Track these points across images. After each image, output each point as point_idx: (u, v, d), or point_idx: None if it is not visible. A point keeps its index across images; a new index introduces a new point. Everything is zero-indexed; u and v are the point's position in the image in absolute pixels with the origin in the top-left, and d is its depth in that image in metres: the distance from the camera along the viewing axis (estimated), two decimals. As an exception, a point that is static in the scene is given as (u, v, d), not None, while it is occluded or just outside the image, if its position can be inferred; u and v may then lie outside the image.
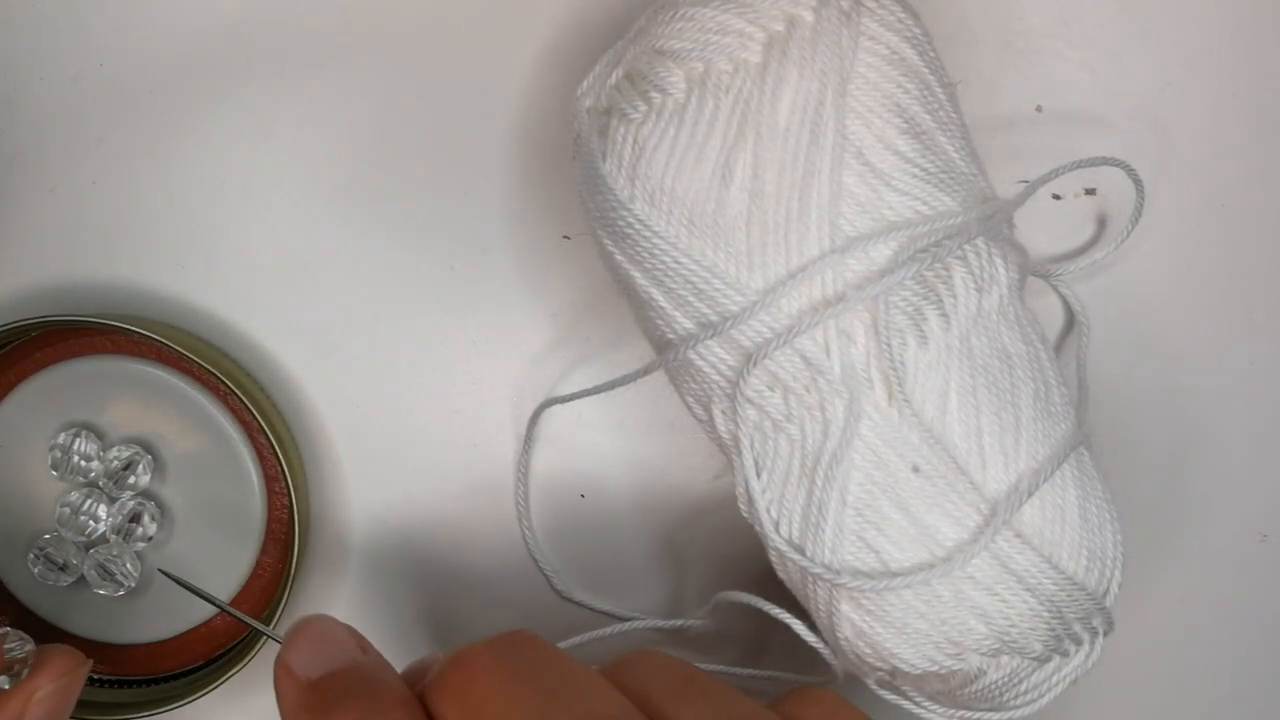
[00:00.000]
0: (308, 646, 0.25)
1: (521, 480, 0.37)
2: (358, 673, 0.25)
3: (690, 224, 0.28)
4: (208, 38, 0.37)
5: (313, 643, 0.25)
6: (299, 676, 0.25)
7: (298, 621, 0.26)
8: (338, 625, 0.26)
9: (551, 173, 0.37)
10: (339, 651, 0.25)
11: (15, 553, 0.36)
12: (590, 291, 0.37)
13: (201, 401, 0.36)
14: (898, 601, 0.28)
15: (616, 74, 0.30)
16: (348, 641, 0.26)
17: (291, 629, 0.26)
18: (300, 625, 0.26)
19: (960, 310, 0.29)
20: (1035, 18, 0.36)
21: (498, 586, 0.37)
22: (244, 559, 0.36)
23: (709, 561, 0.37)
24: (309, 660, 0.25)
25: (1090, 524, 0.29)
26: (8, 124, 0.37)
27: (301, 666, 0.25)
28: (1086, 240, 0.37)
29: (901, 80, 0.29)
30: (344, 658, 0.25)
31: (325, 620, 0.26)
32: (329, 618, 0.26)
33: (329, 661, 0.25)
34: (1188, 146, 0.37)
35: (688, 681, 0.23)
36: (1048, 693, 0.29)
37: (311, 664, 0.25)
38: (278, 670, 0.25)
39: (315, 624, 0.26)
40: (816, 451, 0.29)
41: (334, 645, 0.25)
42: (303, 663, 0.25)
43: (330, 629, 0.26)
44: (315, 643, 0.25)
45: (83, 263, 0.37)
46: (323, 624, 0.26)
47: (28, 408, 0.36)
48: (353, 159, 0.37)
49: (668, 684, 0.23)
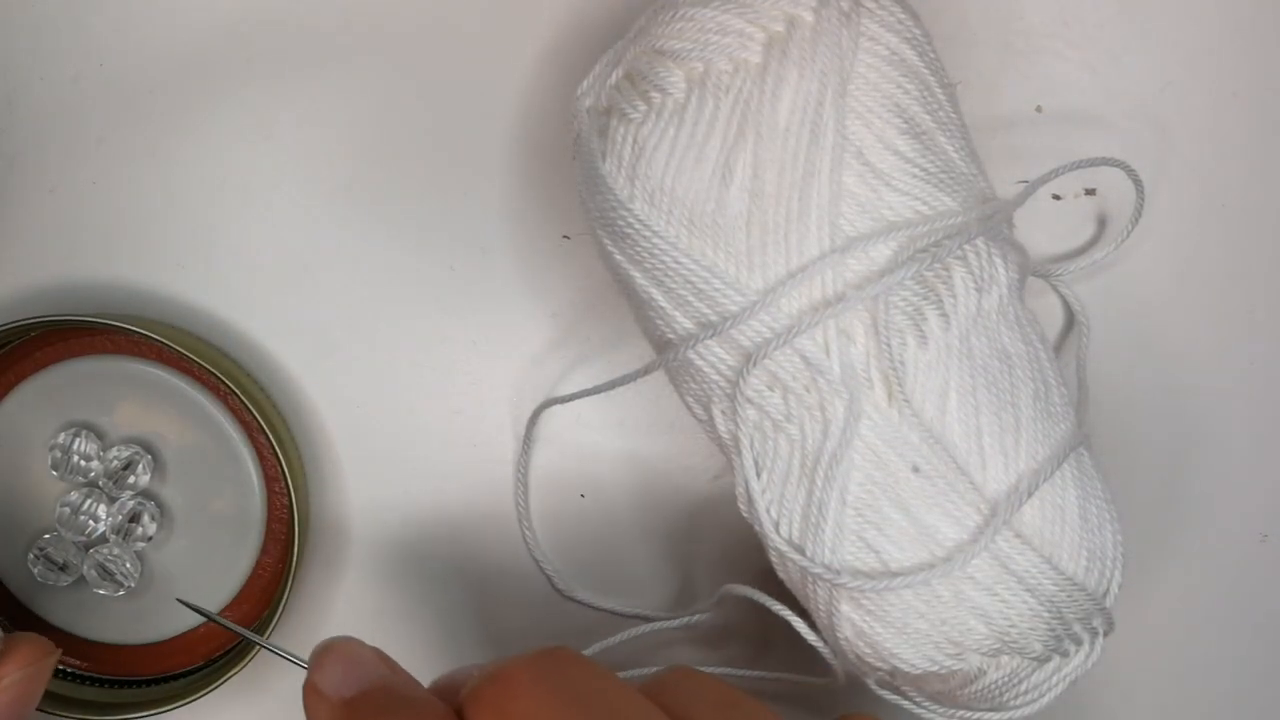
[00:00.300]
0: (336, 667, 0.25)
1: (521, 480, 0.37)
2: (392, 690, 0.24)
3: (690, 224, 0.28)
4: (208, 38, 0.37)
5: (340, 663, 0.25)
6: (330, 697, 0.24)
7: (320, 644, 0.25)
8: (363, 646, 0.26)
9: (551, 173, 0.37)
10: (368, 671, 0.25)
11: (15, 553, 0.36)
12: (590, 291, 0.37)
13: (201, 401, 0.36)
14: (898, 601, 0.28)
15: (616, 74, 0.30)
16: (376, 661, 0.25)
17: (315, 651, 0.25)
18: (324, 647, 0.25)
19: (960, 310, 0.29)
20: (1035, 18, 0.36)
21: (498, 586, 0.37)
22: (244, 559, 0.36)
23: (709, 561, 0.37)
24: (339, 681, 0.24)
25: (1090, 524, 0.29)
26: (8, 124, 0.37)
27: (332, 687, 0.24)
28: (1086, 240, 0.37)
29: (901, 80, 0.29)
30: (375, 677, 0.25)
31: (350, 641, 0.26)
32: (352, 638, 0.26)
33: (360, 681, 0.24)
34: (1188, 146, 0.37)
35: (732, 706, 0.23)
36: (1048, 693, 0.29)
37: (342, 684, 0.24)
38: (307, 693, 0.24)
39: (340, 645, 0.25)
40: (816, 451, 0.29)
41: (363, 665, 0.25)
42: (333, 683, 0.24)
43: (356, 649, 0.25)
44: (343, 663, 0.25)
45: (83, 263, 0.37)
46: (348, 645, 0.25)
47: (28, 408, 0.36)
48: (353, 159, 0.37)
49: (712, 707, 0.23)
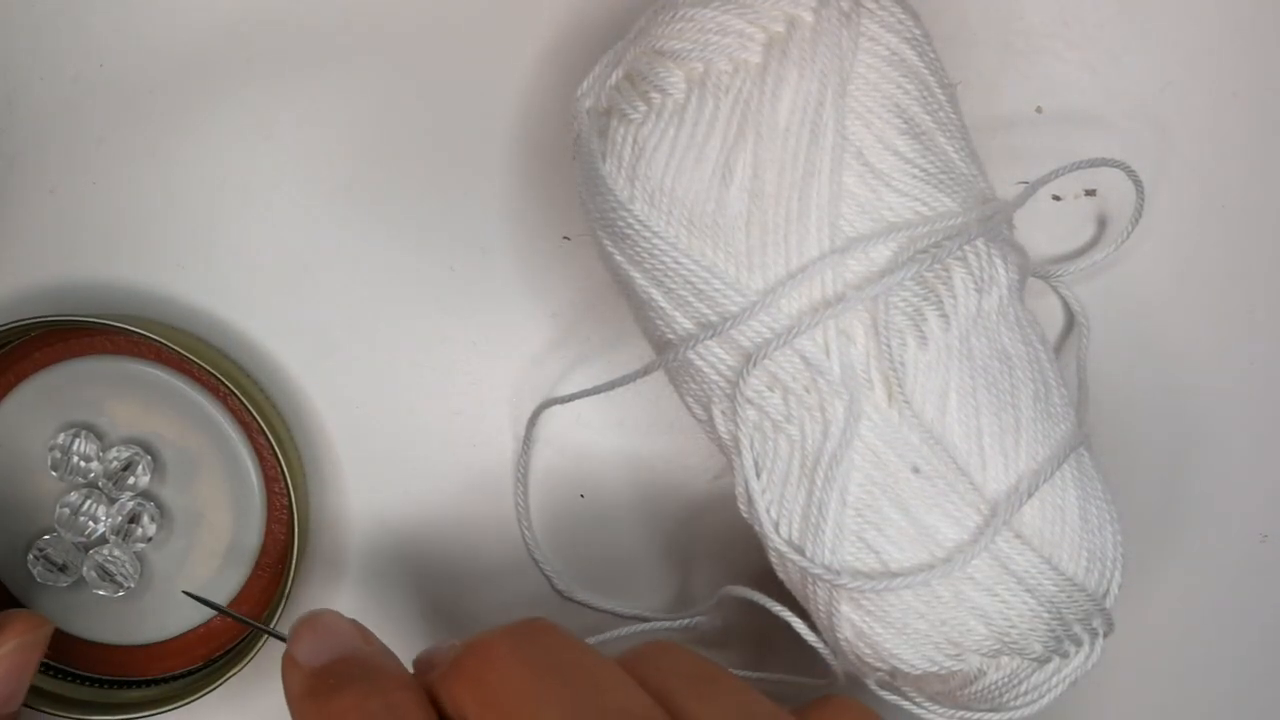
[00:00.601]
0: (311, 637, 0.26)
1: (521, 480, 0.37)
2: (359, 659, 0.25)
3: (690, 224, 0.28)
4: (208, 38, 0.37)
5: (315, 633, 0.26)
6: (303, 665, 0.25)
7: (301, 616, 0.27)
8: (340, 617, 0.27)
9: (551, 173, 0.36)
10: (341, 641, 0.26)
11: (15, 553, 0.36)
12: (590, 292, 0.37)
13: (201, 401, 0.36)
14: (897, 602, 0.28)
15: (616, 74, 0.30)
16: (350, 632, 0.26)
17: (296, 623, 0.26)
18: (304, 619, 0.27)
19: (960, 311, 0.29)
20: (1035, 18, 0.36)
21: (497, 586, 0.37)
22: (244, 559, 0.36)
23: (709, 562, 0.37)
24: (312, 650, 0.25)
25: (1090, 525, 0.29)
26: (8, 124, 0.37)
27: (305, 656, 0.25)
28: (1086, 241, 0.37)
29: (901, 81, 0.29)
30: (346, 647, 0.26)
31: (328, 613, 0.27)
32: (332, 611, 0.27)
33: (331, 651, 0.26)
34: (1188, 146, 0.36)
35: (709, 680, 0.23)
36: (1048, 694, 0.29)
37: (315, 653, 0.25)
38: (284, 662, 0.26)
39: (318, 617, 0.27)
40: (816, 452, 0.29)
41: (336, 635, 0.26)
42: (307, 653, 0.25)
43: (332, 620, 0.27)
44: (318, 633, 0.26)
45: (83, 263, 0.37)
46: (325, 616, 0.27)
47: (28, 408, 0.36)
48: (353, 159, 0.37)
49: (688, 681, 0.23)
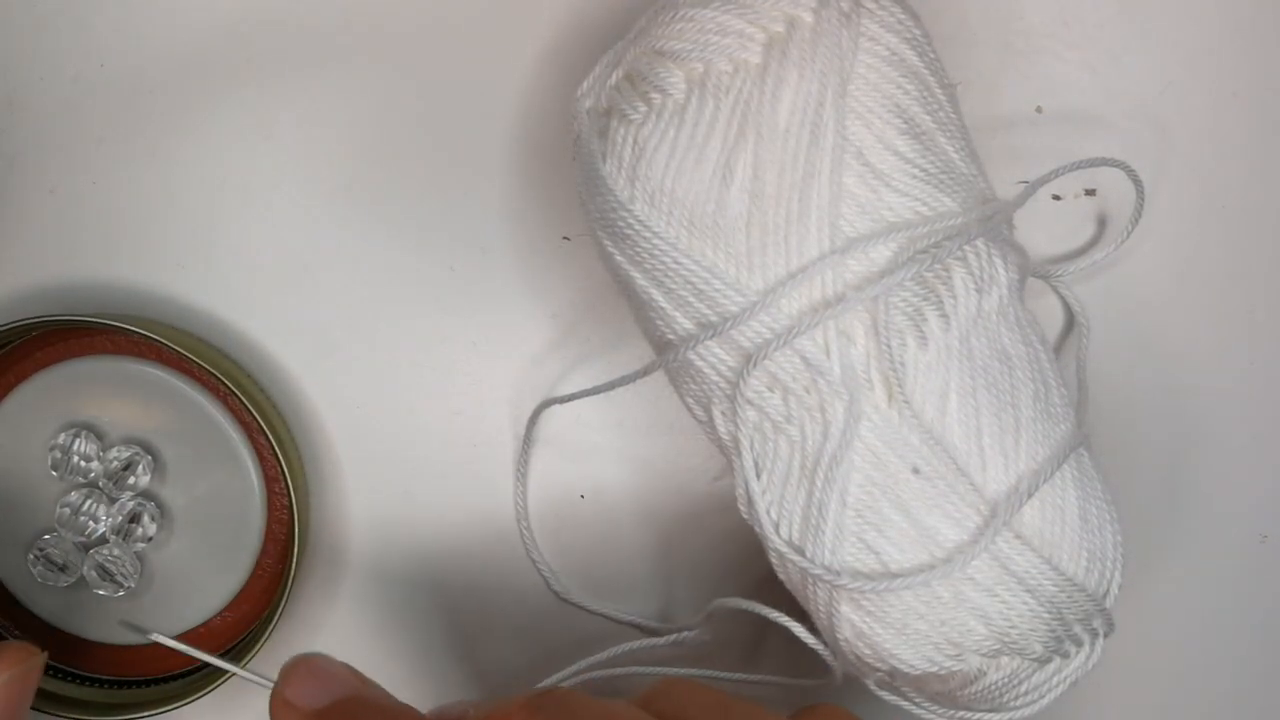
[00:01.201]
0: (307, 680, 0.25)
1: (521, 480, 0.37)
2: (366, 700, 0.25)
3: (690, 225, 0.28)
4: (208, 38, 0.37)
5: (312, 676, 0.25)
6: (302, 708, 0.24)
7: (288, 661, 0.25)
8: (333, 661, 0.26)
9: (551, 173, 0.36)
10: (340, 683, 0.25)
11: (15, 553, 0.36)
12: (590, 292, 0.37)
13: (201, 402, 0.36)
14: (897, 603, 0.28)
15: (616, 75, 0.30)
16: (347, 675, 0.25)
17: (284, 667, 0.25)
18: (295, 662, 0.25)
19: (960, 311, 0.29)
20: (1035, 18, 0.36)
21: (497, 586, 0.37)
22: (244, 559, 0.36)
23: (709, 562, 0.37)
24: (311, 693, 0.24)
25: (1090, 525, 0.29)
26: (8, 124, 0.37)
27: (304, 699, 0.24)
28: (1086, 241, 0.37)
29: (901, 81, 0.29)
30: (347, 689, 0.25)
31: (320, 655, 0.26)
32: (322, 654, 0.26)
33: (332, 693, 0.25)
34: (1188, 146, 0.36)
35: (724, 709, 0.23)
36: (1048, 694, 0.29)
37: (315, 696, 0.24)
38: (276, 706, 0.24)
39: (310, 660, 0.25)
40: (816, 453, 0.29)
41: (334, 678, 0.25)
42: (305, 696, 0.24)
43: (326, 664, 0.25)
44: (315, 676, 0.25)
45: (83, 263, 0.37)
46: (318, 659, 0.25)
47: (28, 408, 0.36)
48: (353, 159, 0.37)
49: (704, 710, 0.23)
